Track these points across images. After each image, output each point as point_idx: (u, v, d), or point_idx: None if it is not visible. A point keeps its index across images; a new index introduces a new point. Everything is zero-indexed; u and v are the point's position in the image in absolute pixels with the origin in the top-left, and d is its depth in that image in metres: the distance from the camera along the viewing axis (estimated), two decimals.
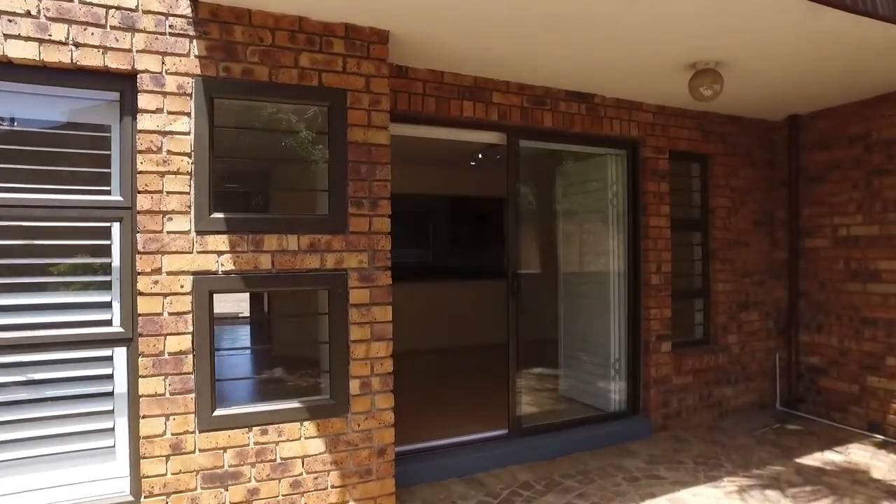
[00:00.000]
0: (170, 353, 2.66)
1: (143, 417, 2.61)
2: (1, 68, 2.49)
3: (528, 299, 5.83)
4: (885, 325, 4.38)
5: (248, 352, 4.33)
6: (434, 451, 3.88)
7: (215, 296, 2.75)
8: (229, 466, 2.75)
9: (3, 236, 2.54)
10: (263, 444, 2.82)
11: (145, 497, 2.61)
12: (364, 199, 3.03)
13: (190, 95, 2.70)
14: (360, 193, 3.02)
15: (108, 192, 2.70)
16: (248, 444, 2.79)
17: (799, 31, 3.14)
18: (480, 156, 6.64)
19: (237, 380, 2.97)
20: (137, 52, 2.62)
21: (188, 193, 2.70)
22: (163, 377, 2.64)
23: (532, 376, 5.80)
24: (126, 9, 2.60)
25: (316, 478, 2.91)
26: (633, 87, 4.21)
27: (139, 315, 2.61)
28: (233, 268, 2.77)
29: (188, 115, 2.70)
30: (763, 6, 2.85)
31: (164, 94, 2.66)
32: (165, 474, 2.64)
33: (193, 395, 2.69)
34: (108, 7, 2.57)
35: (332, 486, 2.94)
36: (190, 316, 2.69)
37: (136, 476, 2.67)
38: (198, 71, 2.72)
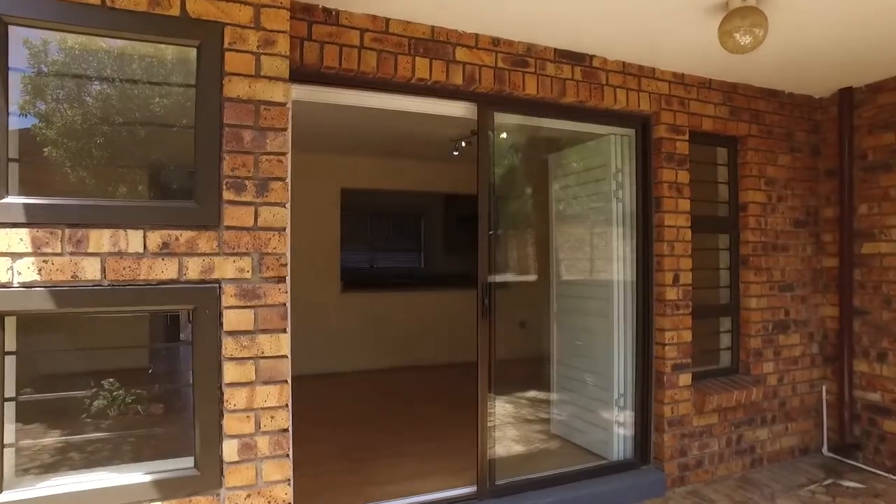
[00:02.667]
0: None
1: None
2: None
3: (516, 312, 4.87)
4: None
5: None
6: None
7: None
8: None
9: None
10: None
11: None
12: (247, 180, 2.11)
13: None
14: (241, 172, 2.11)
15: None
16: None
17: None
18: (464, 144, 5.75)
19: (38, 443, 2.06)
20: None
21: None
22: None
23: (522, 401, 4.87)
24: None
25: None
26: (644, 45, 3.25)
27: None
28: (37, 278, 1.87)
29: None
30: None
31: None
32: None
33: None
34: None
35: None
36: None
37: None
38: None
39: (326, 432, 4.47)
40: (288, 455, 2.16)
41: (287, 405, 2.16)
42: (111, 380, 2.52)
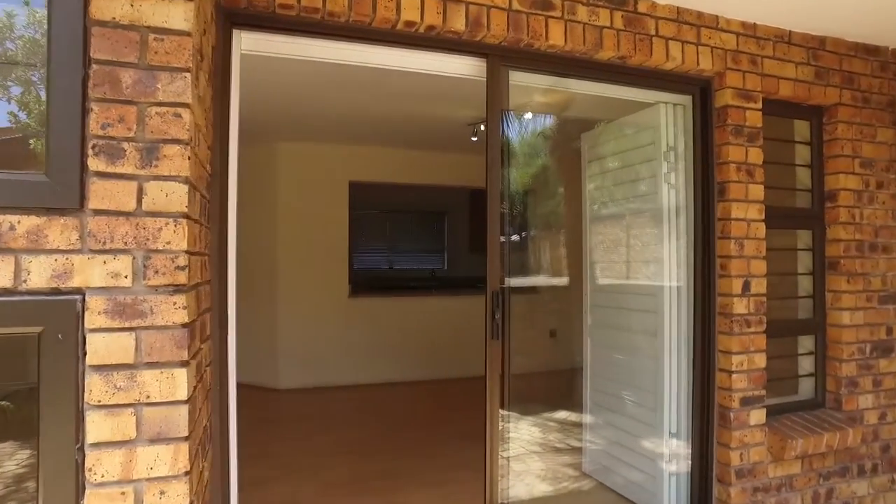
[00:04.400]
0: None
1: None
2: None
3: (544, 320, 4.15)
4: None
5: None
6: None
7: None
8: None
9: None
10: None
11: None
12: (127, 143, 1.44)
13: None
14: (117, 130, 1.43)
15: None
16: None
17: None
18: (483, 128, 5.00)
19: None
20: None
21: None
22: None
23: (551, 424, 4.13)
24: None
25: None
26: None
27: None
28: None
29: None
30: None
31: None
32: None
33: None
34: None
35: None
36: None
37: None
38: None
39: (307, 465, 3.80)
40: None
41: (187, 472, 1.47)
42: None
